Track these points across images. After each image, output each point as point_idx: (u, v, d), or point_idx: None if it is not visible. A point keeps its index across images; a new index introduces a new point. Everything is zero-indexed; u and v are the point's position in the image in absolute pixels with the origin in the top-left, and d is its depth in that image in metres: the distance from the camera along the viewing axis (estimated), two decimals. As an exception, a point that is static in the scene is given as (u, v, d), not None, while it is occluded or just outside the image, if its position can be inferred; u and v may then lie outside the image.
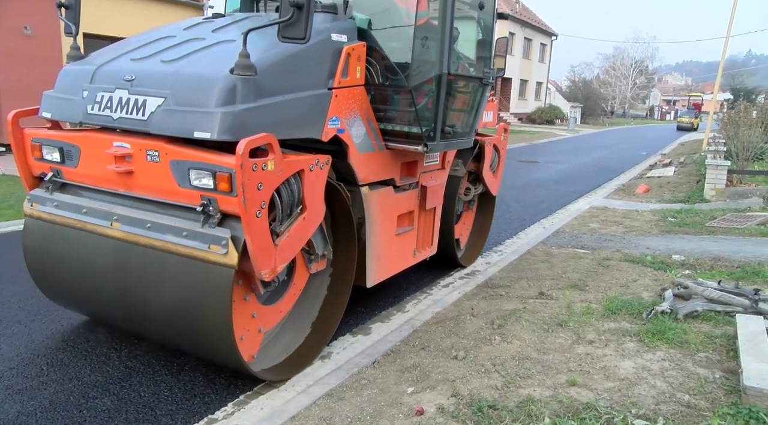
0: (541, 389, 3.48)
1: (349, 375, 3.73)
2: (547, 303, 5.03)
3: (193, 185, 3.08)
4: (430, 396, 3.43)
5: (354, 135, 3.96)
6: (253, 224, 2.95)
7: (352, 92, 3.88)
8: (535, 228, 8.46)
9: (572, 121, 36.93)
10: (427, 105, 4.39)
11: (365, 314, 4.81)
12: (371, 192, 4.26)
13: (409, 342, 4.25)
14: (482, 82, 5.05)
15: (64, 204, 3.68)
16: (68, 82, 3.68)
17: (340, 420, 3.17)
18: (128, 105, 3.29)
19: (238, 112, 3.01)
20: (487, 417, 3.15)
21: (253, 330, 3.58)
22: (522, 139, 25.69)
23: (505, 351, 4.03)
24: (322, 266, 4.01)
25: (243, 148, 2.80)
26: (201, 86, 3.09)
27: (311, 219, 3.45)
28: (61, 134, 3.67)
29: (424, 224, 5.17)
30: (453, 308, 4.98)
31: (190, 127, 3.03)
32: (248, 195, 2.88)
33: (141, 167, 3.27)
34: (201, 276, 3.13)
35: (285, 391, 3.53)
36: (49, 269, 3.86)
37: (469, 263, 6.37)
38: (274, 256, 3.16)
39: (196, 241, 3.12)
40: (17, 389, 3.42)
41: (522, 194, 11.22)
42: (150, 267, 3.30)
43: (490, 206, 6.77)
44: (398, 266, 4.89)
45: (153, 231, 3.27)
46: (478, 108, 5.16)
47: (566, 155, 19.78)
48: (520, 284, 5.61)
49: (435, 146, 4.42)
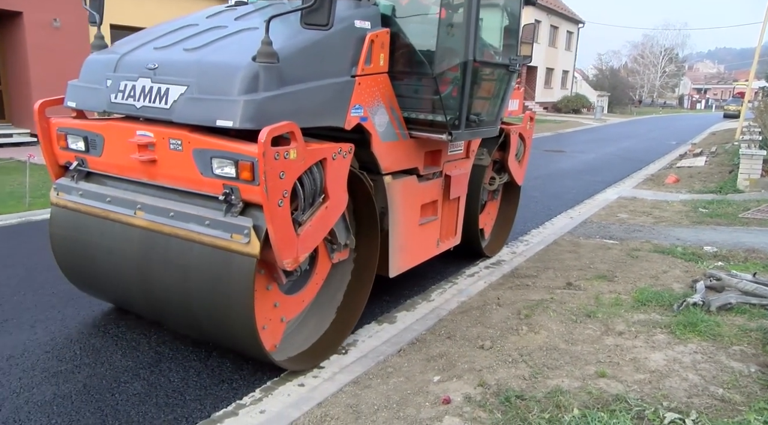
0: (569, 380, 3.44)
1: (374, 363, 3.74)
2: (574, 294, 4.96)
3: (215, 173, 3.08)
4: (457, 385, 3.41)
5: (377, 123, 3.91)
6: (275, 214, 2.93)
7: (375, 80, 3.83)
8: (562, 218, 8.35)
9: (599, 110, 36.29)
10: (451, 93, 4.31)
11: (390, 303, 4.81)
12: (394, 181, 4.20)
13: (435, 331, 4.24)
14: (508, 69, 4.95)
15: (89, 193, 3.70)
16: (92, 72, 3.70)
17: (366, 407, 3.18)
18: (151, 94, 3.29)
19: (260, 100, 2.99)
20: (514, 407, 3.12)
21: (275, 320, 3.58)
22: (547, 128, 25.33)
23: (532, 341, 3.99)
24: (345, 255, 3.99)
25: (265, 136, 2.77)
26: (223, 74, 3.07)
27: (334, 208, 3.42)
28: (86, 123, 3.68)
29: (447, 213, 5.11)
30: (478, 297, 4.94)
31: (212, 115, 3.02)
32: (270, 184, 2.86)
33: (164, 155, 3.27)
34: (223, 265, 3.13)
35: (312, 378, 3.55)
36: (75, 258, 3.91)
37: (493, 254, 6.30)
38: (297, 245, 3.15)
39: (219, 230, 3.11)
40: (53, 372, 3.51)
41: (548, 184, 11.07)
42: (173, 256, 3.31)
43: (515, 196, 6.67)
44: (421, 256, 4.85)
45: (176, 220, 3.27)
46: (503, 96, 5.06)
47: (593, 145, 19.45)
48: (546, 275, 5.54)
49: (460, 135, 4.35)
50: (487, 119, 4.87)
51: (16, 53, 12.62)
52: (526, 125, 6.24)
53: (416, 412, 3.13)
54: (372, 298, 4.59)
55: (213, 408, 3.21)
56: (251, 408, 3.22)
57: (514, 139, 5.95)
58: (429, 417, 3.07)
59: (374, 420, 3.05)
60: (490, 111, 4.98)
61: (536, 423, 2.95)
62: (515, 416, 3.04)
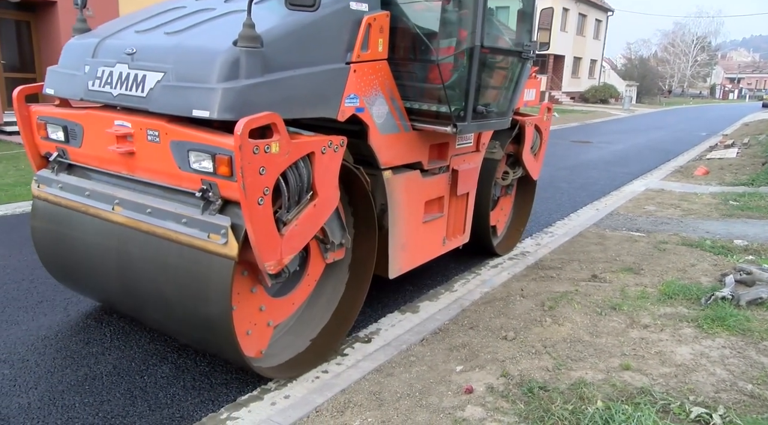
0: (593, 372, 3.42)
1: (397, 351, 3.76)
2: (600, 286, 4.92)
3: (193, 168, 2.85)
4: (479, 375, 3.42)
5: (375, 114, 3.63)
6: (254, 212, 2.69)
7: (373, 67, 3.54)
8: (588, 210, 8.24)
9: (627, 100, 35.60)
10: (457, 82, 4.00)
11: (413, 293, 4.82)
12: (395, 177, 3.92)
13: (458, 321, 4.24)
14: (521, 56, 4.54)
15: (69, 186, 3.51)
16: (71, 57, 3.49)
17: (389, 394, 3.21)
18: (128, 81, 3.07)
19: (241, 88, 2.74)
20: (537, 398, 3.12)
21: (261, 324, 3.37)
22: (574, 118, 24.96)
23: (556, 333, 3.97)
24: (340, 255, 3.72)
25: (242, 128, 2.53)
26: (201, 60, 2.83)
27: (323, 206, 3.16)
28: (65, 111, 3.45)
29: (455, 210, 4.82)
30: (502, 288, 4.93)
31: (189, 104, 2.78)
32: (249, 180, 2.61)
33: (142, 147, 3.06)
34: (200, 267, 2.92)
35: (336, 365, 3.59)
36: (56, 253, 3.75)
37: (505, 252, 5.98)
38: (280, 247, 2.90)
39: (196, 229, 2.90)
40: (84, 353, 3.61)
41: (573, 175, 10.93)
42: (151, 255, 3.12)
43: (531, 192, 6.33)
44: (425, 256, 4.56)
45: (153, 217, 3.06)
46: (516, 85, 4.68)
47: (620, 136, 19.11)
48: (571, 267, 5.50)
49: (466, 127, 4.02)
50: (497, 109, 4.57)
51: (51, 42, 12.86)
52: (543, 116, 5.88)
53: (439, 401, 3.15)
54: (395, 287, 4.63)
55: (239, 392, 3.28)
56: (276, 392, 3.27)
57: (529, 131, 5.60)
58: (451, 406, 3.09)
59: (397, 407, 3.08)
60: (500, 101, 4.66)
61: (559, 414, 2.94)
62: (538, 407, 3.03)
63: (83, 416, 3.00)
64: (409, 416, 3.00)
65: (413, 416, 3.00)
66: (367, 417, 2.98)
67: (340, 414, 3.03)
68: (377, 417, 2.99)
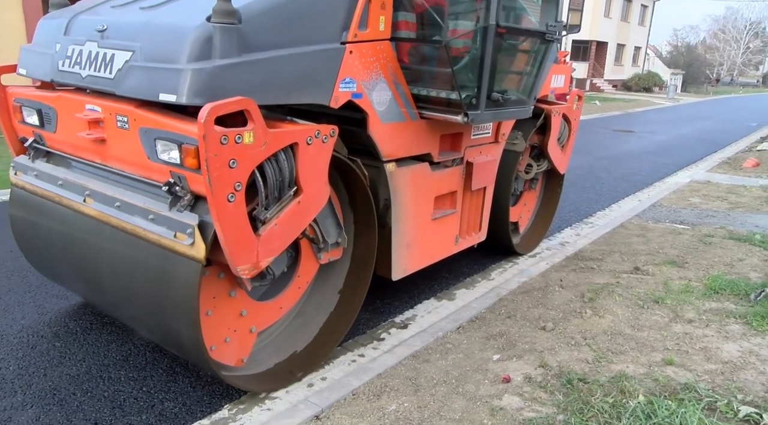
0: (634, 366, 3.35)
1: (433, 338, 3.75)
2: (642, 279, 4.79)
3: (160, 158, 2.56)
4: (517, 365, 3.38)
5: (376, 101, 3.28)
6: (223, 210, 2.38)
7: (373, 48, 3.18)
8: (629, 201, 8.03)
9: (672, 89, 34.51)
10: (469, 65, 3.62)
11: (449, 280, 4.79)
12: (399, 170, 3.57)
13: (495, 310, 4.20)
14: (545, 38, 4.02)
15: (43, 174, 3.26)
16: (44, 34, 3.22)
17: (425, 380, 3.21)
18: (96, 61, 2.79)
19: (212, 69, 2.44)
20: (576, 389, 3.07)
21: (242, 331, 3.08)
22: (616, 107, 24.31)
23: (596, 325, 3.90)
24: (337, 255, 3.41)
25: (206, 115, 2.22)
26: (171, 38, 2.55)
27: (309, 204, 2.82)
28: (39, 93, 3.18)
29: (470, 206, 4.43)
30: (540, 278, 4.85)
31: (156, 87, 2.50)
32: (215, 174, 2.31)
33: (112, 134, 2.77)
34: (168, 269, 2.65)
35: (372, 349, 3.60)
36: (34, 243, 3.55)
37: (526, 251, 5.54)
38: (256, 248, 2.59)
39: (163, 227, 2.62)
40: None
41: (614, 165, 10.65)
42: (120, 252, 2.86)
43: (557, 186, 5.83)
44: (435, 256, 4.19)
45: (122, 212, 2.81)
46: (538, 70, 4.19)
47: (664, 125, 18.52)
48: (612, 258, 5.37)
49: (478, 116, 3.60)
50: (516, 97, 4.11)
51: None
52: (572, 104, 5.33)
53: (475, 389, 3.13)
54: (431, 274, 4.60)
55: (277, 373, 3.32)
56: (314, 374, 3.30)
57: (556, 121, 5.09)
58: (488, 395, 3.07)
59: (433, 393, 3.07)
60: (520, 88, 4.21)
61: (599, 407, 2.89)
62: (577, 399, 2.99)
63: (128, 389, 3.09)
64: (445, 402, 2.99)
65: (450, 403, 2.99)
66: (403, 401, 2.99)
67: (376, 397, 3.04)
68: (413, 402, 2.99)
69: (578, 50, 35.52)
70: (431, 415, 2.88)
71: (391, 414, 2.88)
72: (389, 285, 3.80)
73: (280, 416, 2.89)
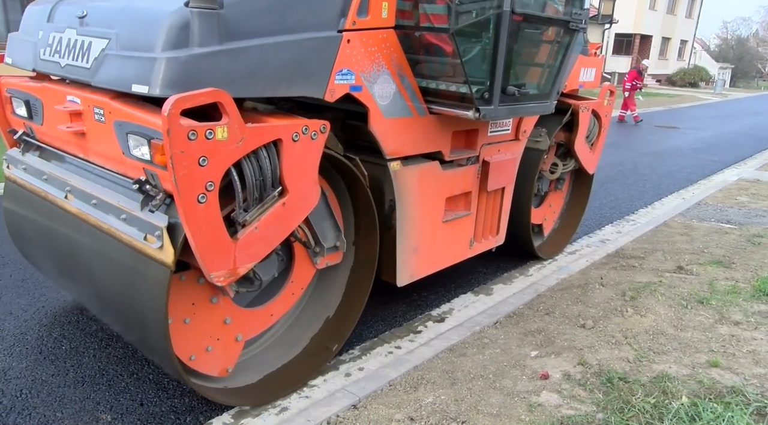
0: (677, 366, 3.27)
1: (470, 332, 3.74)
2: (685, 278, 4.67)
3: (133, 154, 2.38)
4: (555, 362, 3.35)
5: (378, 94, 3.04)
6: (193, 212, 2.20)
7: (374, 37, 2.93)
8: (673, 199, 7.81)
9: (719, 84, 33.33)
10: (480, 56, 3.36)
11: (487, 275, 4.76)
12: (405, 168, 3.33)
13: (533, 306, 4.16)
14: (569, 27, 3.67)
15: (31, 168, 3.17)
16: (30, 21, 3.12)
17: (462, 374, 3.21)
18: (75, 49, 2.66)
19: (188, 58, 2.25)
20: (617, 389, 3.02)
21: (226, 339, 2.88)
22: (659, 102, 23.62)
23: (637, 323, 3.82)
24: (335, 259, 3.22)
25: (170, 107, 2.03)
26: (146, 24, 2.39)
27: (296, 205, 2.61)
28: (26, 84, 3.07)
29: (486, 208, 4.14)
30: (580, 276, 4.78)
31: (129, 78, 2.33)
32: (182, 173, 2.12)
33: (91, 128, 2.62)
34: (140, 272, 2.48)
35: (408, 342, 3.61)
36: (26, 237, 3.47)
37: (550, 256, 5.19)
38: (233, 254, 2.40)
39: (134, 227, 2.46)
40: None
41: (658, 162, 10.37)
42: (97, 251, 2.73)
43: (586, 187, 5.48)
44: (445, 261, 3.93)
45: (98, 210, 2.67)
46: (562, 62, 3.82)
47: (711, 121, 17.91)
48: (654, 257, 5.24)
49: (491, 112, 3.31)
50: (536, 91, 3.80)
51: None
52: (603, 100, 4.97)
53: (513, 384, 3.11)
54: (468, 268, 4.58)
55: (315, 362, 3.36)
56: (351, 364, 3.34)
57: (584, 117, 4.72)
58: (526, 390, 3.04)
59: (470, 387, 3.07)
60: (541, 81, 3.88)
61: (640, 407, 2.84)
62: (617, 398, 2.94)
63: (172, 373, 3.19)
64: (482, 397, 2.98)
65: (487, 397, 2.98)
66: (440, 394, 3.00)
67: (413, 389, 3.06)
68: (450, 395, 2.99)
69: (621, 44, 34.64)
70: (468, 409, 2.88)
71: (427, 406, 2.89)
72: (425, 278, 3.79)
73: (319, 404, 2.93)
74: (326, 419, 2.79)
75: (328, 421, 2.79)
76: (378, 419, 2.79)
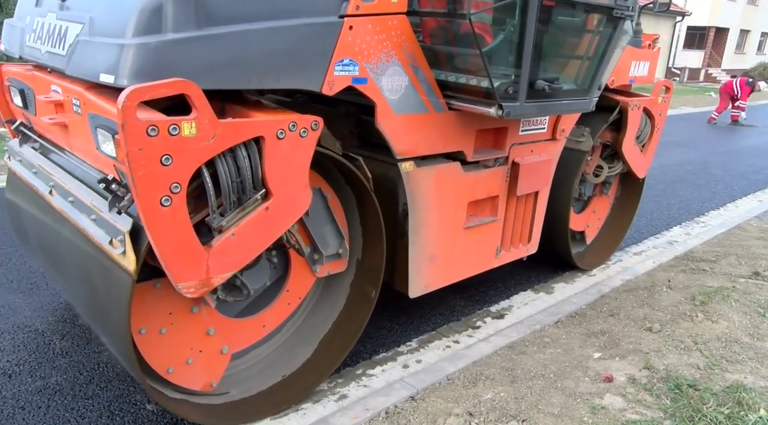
0: (753, 377, 3.10)
1: (530, 330, 3.67)
2: (762, 285, 4.41)
3: (102, 150, 2.15)
4: (619, 365, 3.24)
5: (386, 88, 2.72)
6: (155, 216, 1.98)
7: (382, 23, 2.61)
8: (748, 201, 7.40)
9: (803, 80, 31.09)
10: (506, 46, 3.04)
11: (547, 272, 4.66)
12: (419, 170, 3.01)
13: (596, 307, 4.04)
14: (612, 14, 3.28)
15: (25, 161, 3.04)
16: (23, 5, 3.00)
17: (522, 372, 3.16)
18: (53, 35, 2.49)
19: (159, 45, 2.03)
20: (686, 396, 2.90)
21: (210, 351, 2.65)
22: (734, 99, 22.32)
23: (708, 329, 3.65)
24: (339, 267, 2.96)
25: (124, 99, 1.80)
26: (118, 7, 2.19)
27: (282, 210, 2.35)
28: (20, 71, 2.89)
29: (516, 213, 3.76)
30: (646, 277, 4.60)
31: (98, 66, 2.13)
32: (141, 172, 1.90)
33: (71, 119, 2.42)
34: (108, 277, 2.28)
35: (467, 337, 3.59)
36: (24, 229, 3.34)
37: (592, 266, 4.75)
38: (205, 262, 2.17)
39: (102, 230, 2.26)
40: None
41: (731, 162, 9.83)
42: (72, 253, 2.58)
43: (636, 193, 4.98)
44: (467, 271, 3.58)
45: (75, 208, 2.50)
46: (604, 54, 3.42)
47: (792, 120, 16.81)
48: (727, 261, 4.99)
49: (517, 109, 2.98)
50: (572, 86, 3.45)
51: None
52: (657, 97, 4.48)
53: (574, 385, 3.04)
54: (528, 264, 4.47)
55: (373, 351, 3.40)
56: (408, 356, 3.35)
57: (634, 116, 4.28)
58: (588, 392, 2.97)
59: (530, 386, 3.02)
60: (578, 76, 3.50)
61: (712, 416, 2.71)
62: (687, 405, 2.82)
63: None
64: (543, 396, 2.93)
65: (547, 397, 2.92)
66: (499, 391, 2.96)
67: (472, 384, 3.03)
68: (510, 393, 2.95)
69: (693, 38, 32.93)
70: (528, 407, 2.83)
71: (487, 403, 2.86)
72: (484, 274, 3.74)
73: (377, 393, 2.95)
74: (384, 409, 2.81)
75: (386, 411, 2.81)
76: (436, 412, 2.79)
